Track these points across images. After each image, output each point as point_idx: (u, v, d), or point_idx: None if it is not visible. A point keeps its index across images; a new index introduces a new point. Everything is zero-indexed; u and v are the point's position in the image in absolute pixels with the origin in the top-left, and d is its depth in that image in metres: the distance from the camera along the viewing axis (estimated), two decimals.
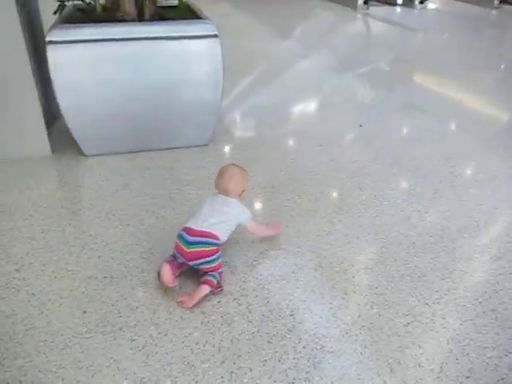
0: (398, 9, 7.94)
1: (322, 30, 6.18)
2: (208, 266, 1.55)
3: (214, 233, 1.56)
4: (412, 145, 2.76)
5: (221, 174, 1.70)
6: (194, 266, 1.58)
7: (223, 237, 1.60)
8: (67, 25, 2.16)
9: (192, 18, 2.34)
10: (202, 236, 1.54)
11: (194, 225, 1.57)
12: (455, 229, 1.96)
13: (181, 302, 1.51)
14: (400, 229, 1.96)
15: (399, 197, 2.20)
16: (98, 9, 2.45)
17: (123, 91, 2.31)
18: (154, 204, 2.10)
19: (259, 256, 1.76)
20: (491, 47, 5.60)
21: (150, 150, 2.58)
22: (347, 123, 3.04)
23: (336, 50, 5.05)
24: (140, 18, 2.40)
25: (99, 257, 1.76)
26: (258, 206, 2.11)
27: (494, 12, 7.96)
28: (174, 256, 1.61)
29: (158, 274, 1.57)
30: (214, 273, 1.56)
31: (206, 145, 2.66)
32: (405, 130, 3.00)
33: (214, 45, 2.31)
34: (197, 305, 1.51)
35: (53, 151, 2.53)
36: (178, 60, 2.30)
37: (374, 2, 7.71)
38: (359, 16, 7.14)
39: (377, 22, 6.89)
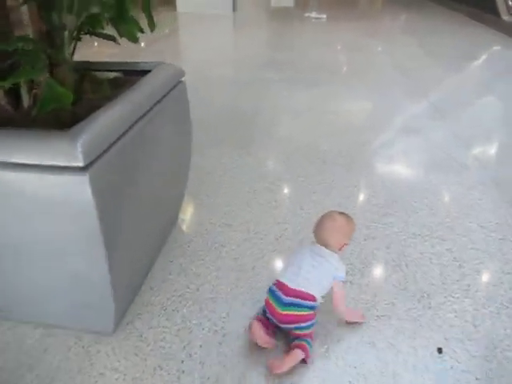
0: None
1: (486, 86, 4.30)
2: (300, 332, 1.36)
3: (312, 293, 1.36)
4: None
5: (321, 224, 1.54)
6: (285, 330, 1.39)
7: (319, 297, 1.39)
8: None
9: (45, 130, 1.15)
10: (298, 297, 1.35)
11: (290, 282, 1.37)
12: None
13: (270, 365, 1.30)
14: None
15: None
16: None
17: None
18: None
19: None
20: None
21: (21, 322, 1.50)
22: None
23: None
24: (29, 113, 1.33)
25: None
26: None
27: None
28: (264, 314, 1.41)
29: (249, 328, 1.41)
30: (309, 339, 1.36)
31: (109, 334, 1.46)
32: None
33: (79, 187, 1.09)
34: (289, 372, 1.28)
35: None
36: (12, 207, 1.16)
37: None
38: None
39: None
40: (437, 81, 4.32)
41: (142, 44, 5.46)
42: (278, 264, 1.78)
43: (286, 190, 2.33)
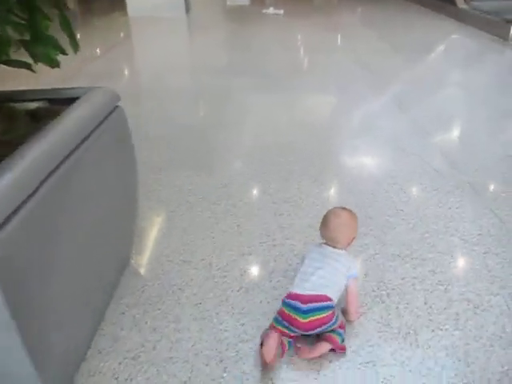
0: None
1: (448, 76, 4.22)
2: (330, 330, 1.35)
3: (326, 294, 1.35)
4: None
5: (325, 222, 1.52)
6: (312, 335, 1.36)
7: (335, 298, 1.38)
8: None
9: None
10: (314, 301, 1.34)
11: (300, 289, 1.37)
12: None
13: (298, 350, 1.34)
14: None
15: None
16: None
17: None
18: None
19: None
20: None
21: None
22: None
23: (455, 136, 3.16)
24: None
25: None
26: None
27: None
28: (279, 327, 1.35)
29: (261, 344, 1.32)
30: (340, 329, 1.36)
31: None
32: None
33: None
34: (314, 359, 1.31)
35: None
36: None
37: None
38: (509, 51, 4.94)
39: None
40: (399, 74, 4.21)
41: (98, 50, 5.20)
42: (245, 307, 1.56)
43: (249, 212, 2.12)
